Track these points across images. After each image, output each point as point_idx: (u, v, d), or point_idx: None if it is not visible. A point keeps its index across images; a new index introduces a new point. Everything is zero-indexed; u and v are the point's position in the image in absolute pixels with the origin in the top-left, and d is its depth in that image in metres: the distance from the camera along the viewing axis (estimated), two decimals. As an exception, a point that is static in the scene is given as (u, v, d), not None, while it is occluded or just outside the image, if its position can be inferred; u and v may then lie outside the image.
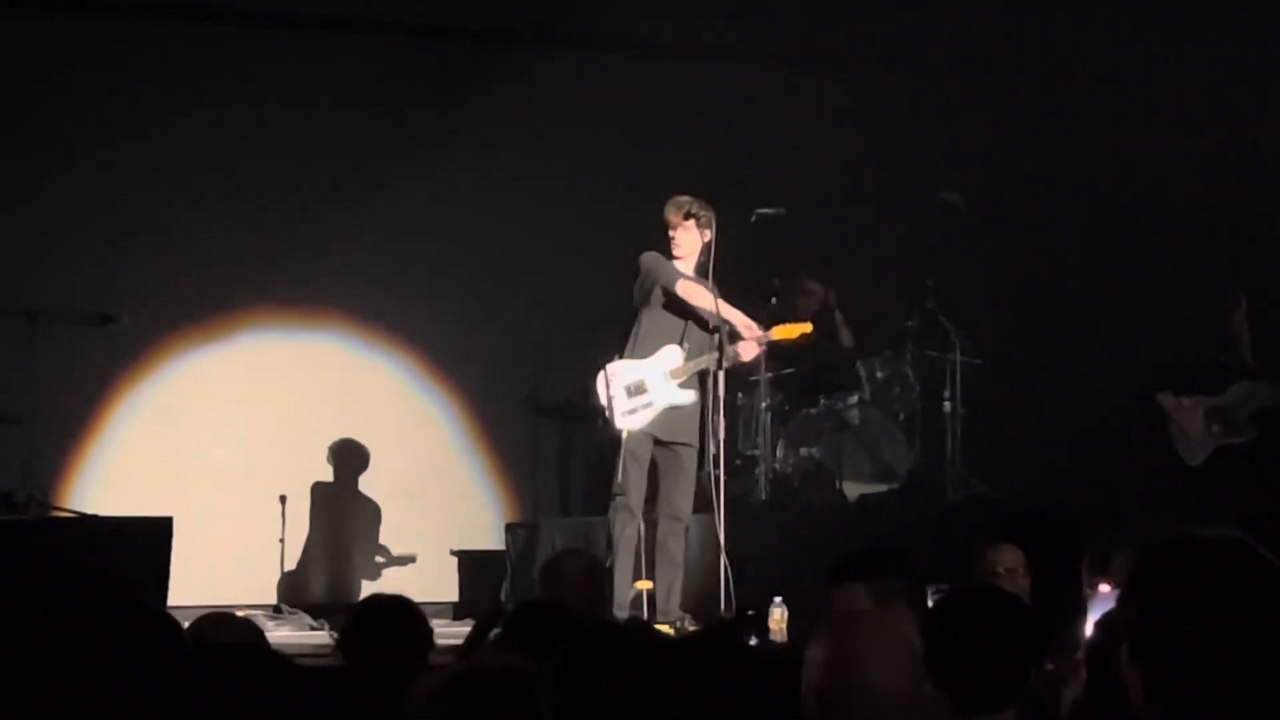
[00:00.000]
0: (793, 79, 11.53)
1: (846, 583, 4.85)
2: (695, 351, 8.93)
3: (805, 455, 10.77)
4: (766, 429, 10.53)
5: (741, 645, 3.88)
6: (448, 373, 11.22)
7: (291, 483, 10.78)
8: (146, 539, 8.76)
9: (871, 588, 4.78)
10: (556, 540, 9.97)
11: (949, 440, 10.84)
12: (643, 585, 8.81)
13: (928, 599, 5.38)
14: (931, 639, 3.70)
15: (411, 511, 11.02)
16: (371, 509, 11.04)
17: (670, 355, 8.93)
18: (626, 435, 8.80)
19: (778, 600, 8.15)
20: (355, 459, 10.99)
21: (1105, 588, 6.06)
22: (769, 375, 10.50)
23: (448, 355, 11.20)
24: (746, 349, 8.95)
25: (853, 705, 3.39)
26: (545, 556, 8.79)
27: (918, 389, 10.96)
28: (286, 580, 10.72)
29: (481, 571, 10.71)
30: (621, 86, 11.25)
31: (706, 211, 8.92)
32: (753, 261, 9.79)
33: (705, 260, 8.91)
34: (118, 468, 10.57)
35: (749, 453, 10.64)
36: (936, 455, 10.89)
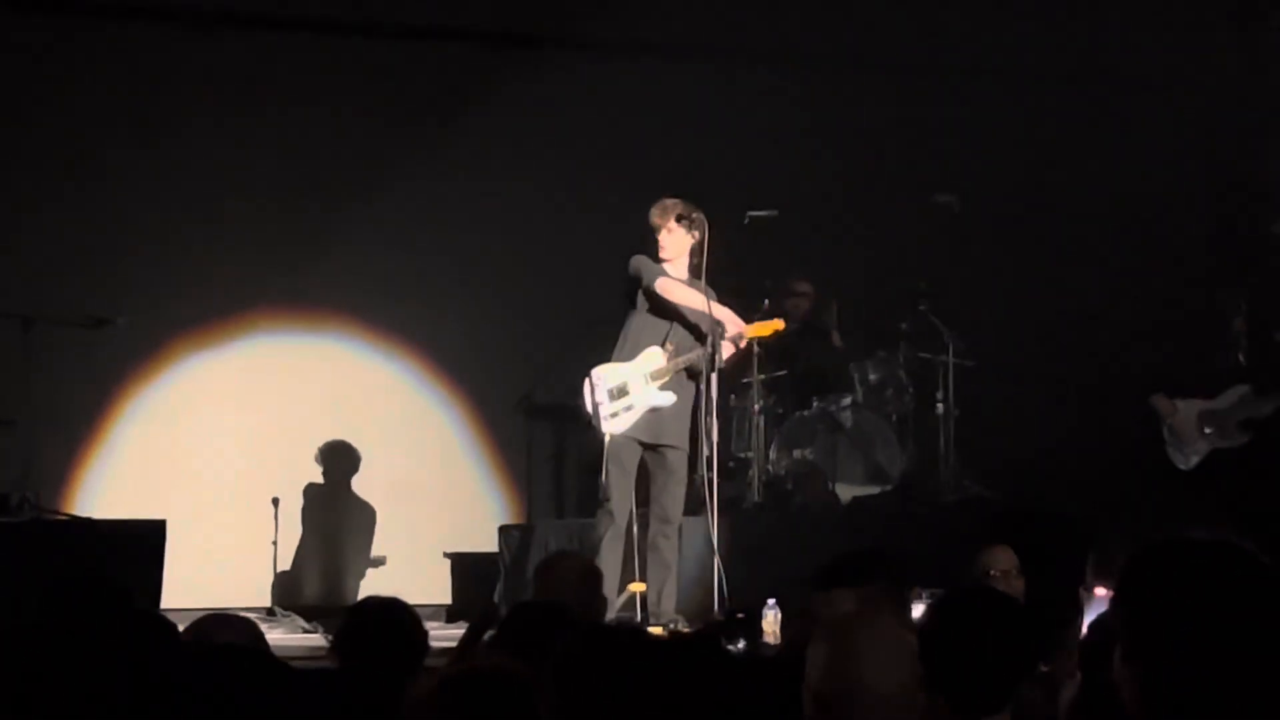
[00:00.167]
0: (785, 81, 11.52)
1: (831, 589, 4.82)
2: (678, 353, 8.94)
3: (798, 457, 10.77)
4: (760, 431, 10.52)
5: (717, 649, 3.88)
6: (442, 375, 11.21)
7: (287, 485, 10.76)
8: (140, 542, 8.76)
9: (856, 593, 4.75)
10: (550, 542, 9.97)
11: (942, 442, 10.84)
12: (635, 587, 8.82)
13: (910, 604, 5.35)
14: (926, 641, 3.69)
15: (405, 513, 11.01)
16: (364, 511, 11.04)
17: (652, 357, 8.94)
18: (610, 439, 8.83)
19: (771, 603, 8.15)
20: (347, 461, 10.98)
21: (1101, 590, 6.06)
22: (762, 378, 10.51)
23: (442, 358, 11.19)
24: (723, 348, 8.95)
25: (852, 706, 3.40)
26: (539, 558, 8.79)
27: (911, 391, 10.97)
28: (280, 583, 10.71)
29: (475, 573, 10.70)
30: (618, 90, 11.24)
31: (693, 213, 8.93)
32: (746, 263, 9.79)
33: (698, 262, 8.92)
34: (114, 471, 10.55)
35: (742, 455, 10.65)
36: (930, 457, 10.90)
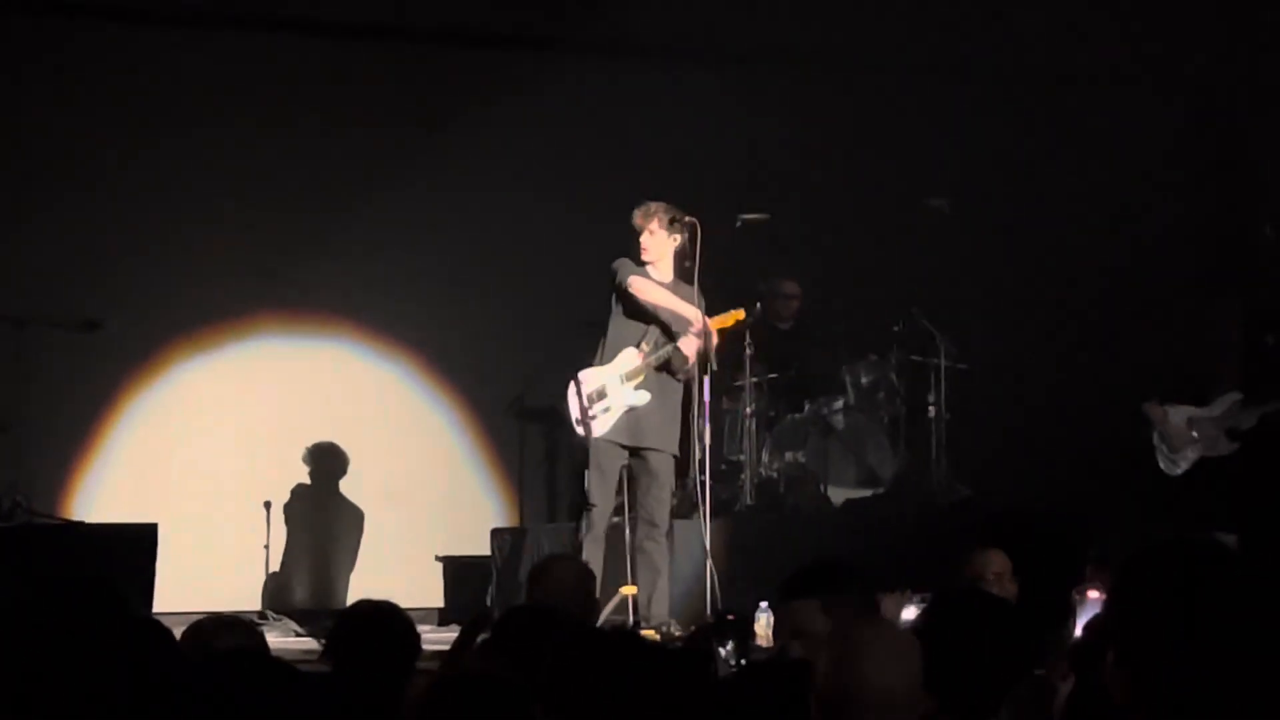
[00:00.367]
0: (777, 85, 11.52)
1: (791, 601, 4.77)
2: (653, 352, 8.96)
3: (790, 460, 10.77)
4: (752, 434, 10.52)
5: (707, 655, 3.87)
6: (436, 379, 11.21)
7: (280, 489, 10.77)
8: (133, 546, 8.76)
9: (823, 604, 4.70)
10: (542, 546, 9.96)
11: (934, 445, 10.84)
12: (627, 590, 8.82)
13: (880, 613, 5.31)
14: (920, 643, 3.69)
15: (397, 517, 11.00)
16: (356, 514, 11.02)
17: (627, 358, 8.97)
18: (592, 444, 8.84)
19: (763, 605, 8.13)
20: (338, 464, 10.97)
21: (1094, 593, 6.06)
22: (754, 380, 10.51)
23: (436, 362, 11.18)
24: (687, 344, 8.95)
25: (857, 707, 3.39)
26: (531, 562, 8.80)
27: (902, 394, 10.97)
28: (272, 586, 10.70)
29: (467, 577, 10.70)
30: (611, 93, 11.24)
31: (675, 216, 8.93)
32: (737, 266, 9.79)
33: (692, 265, 8.92)
34: (108, 475, 10.53)
35: (734, 458, 10.64)
36: (921, 460, 10.91)
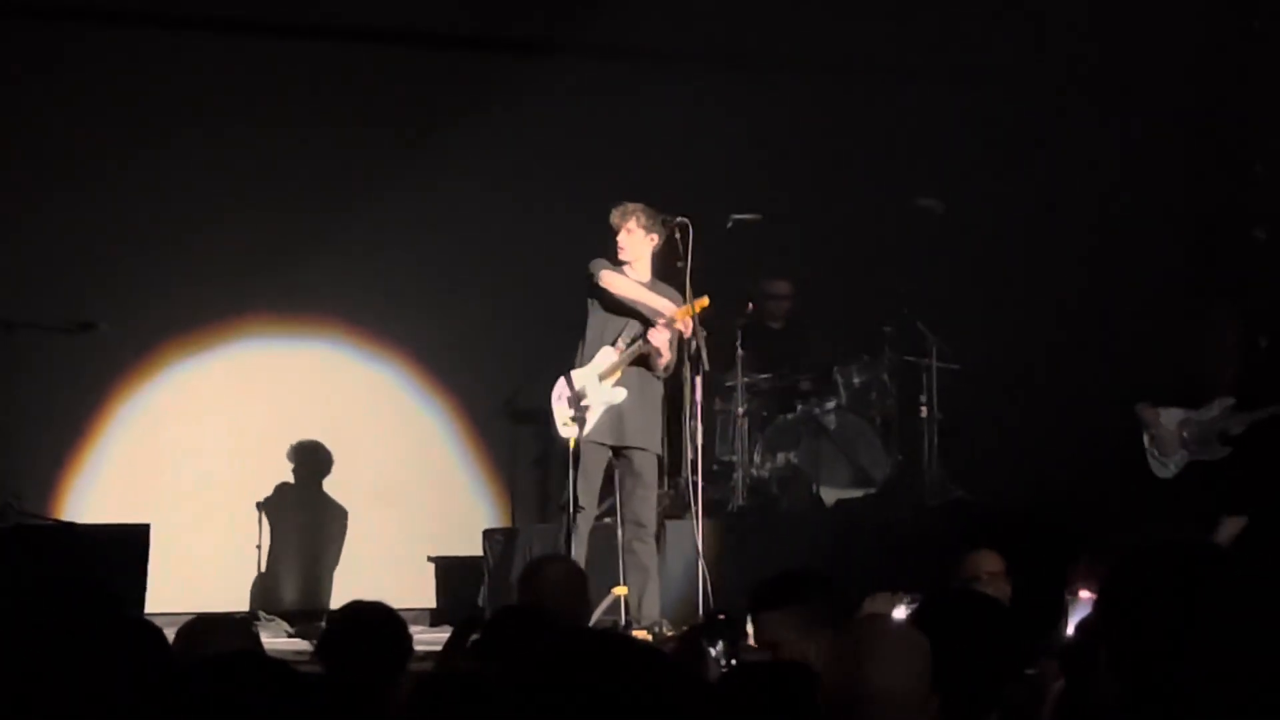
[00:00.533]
0: (769, 86, 11.51)
1: (768, 610, 4.74)
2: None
3: (782, 461, 10.77)
4: (744, 434, 10.53)
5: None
6: (427, 380, 11.20)
7: (272, 489, 10.78)
8: (124, 547, 8.75)
9: (795, 613, 4.66)
10: (534, 546, 9.95)
11: (926, 445, 10.85)
12: (619, 591, 8.82)
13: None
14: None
15: (388, 517, 10.99)
16: (346, 514, 11.01)
17: (604, 357, 8.98)
18: (573, 445, 8.84)
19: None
20: (328, 464, 10.96)
21: (1086, 593, 6.06)
22: (746, 380, 10.51)
23: (427, 363, 11.18)
24: (656, 335, 8.95)
25: (864, 707, 3.39)
26: (523, 562, 8.79)
27: (894, 394, 10.97)
28: (263, 587, 10.70)
29: (459, 577, 10.70)
30: (603, 96, 11.23)
31: (652, 215, 8.96)
32: (729, 267, 9.78)
33: (682, 265, 8.92)
34: (100, 476, 10.52)
35: (726, 458, 10.64)
36: (914, 461, 10.90)
